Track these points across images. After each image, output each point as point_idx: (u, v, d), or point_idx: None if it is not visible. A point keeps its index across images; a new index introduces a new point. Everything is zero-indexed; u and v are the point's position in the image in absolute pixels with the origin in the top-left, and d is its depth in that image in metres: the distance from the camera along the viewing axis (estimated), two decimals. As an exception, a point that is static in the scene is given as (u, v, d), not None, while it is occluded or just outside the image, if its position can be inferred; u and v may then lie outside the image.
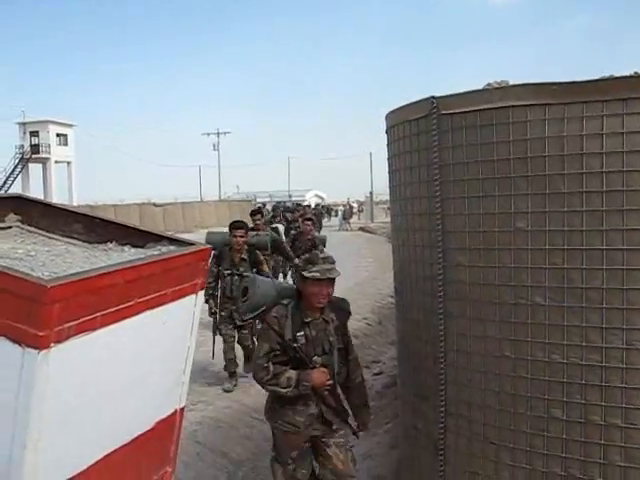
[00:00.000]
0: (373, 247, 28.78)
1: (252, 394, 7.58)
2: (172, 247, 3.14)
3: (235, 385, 8.61)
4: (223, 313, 8.84)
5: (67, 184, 64.34)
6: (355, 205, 65.64)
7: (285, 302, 4.39)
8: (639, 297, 3.73)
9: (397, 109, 4.88)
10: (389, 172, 5.25)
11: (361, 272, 20.36)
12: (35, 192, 60.49)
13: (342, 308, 4.66)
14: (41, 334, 2.21)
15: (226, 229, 8.92)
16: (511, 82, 4.24)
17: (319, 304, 4.36)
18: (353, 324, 11.41)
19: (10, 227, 3.55)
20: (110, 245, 3.28)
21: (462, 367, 4.33)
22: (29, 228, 3.56)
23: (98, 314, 2.46)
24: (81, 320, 2.37)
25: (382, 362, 10.14)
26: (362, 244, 31.86)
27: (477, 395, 4.25)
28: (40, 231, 3.53)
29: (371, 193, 58.63)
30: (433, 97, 4.32)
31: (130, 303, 2.62)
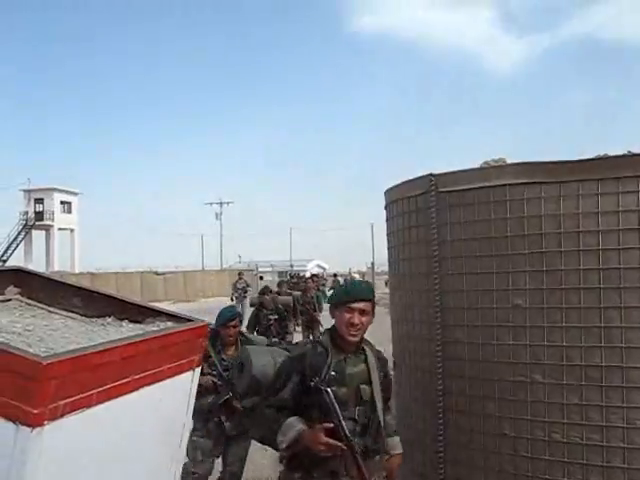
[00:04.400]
0: (374, 318, 28.54)
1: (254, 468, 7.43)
2: (170, 323, 3.14)
3: None
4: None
5: (70, 251, 64.47)
6: (357, 276, 65.51)
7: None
8: (638, 375, 3.72)
9: (396, 186, 4.95)
10: (388, 247, 5.29)
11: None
12: (37, 259, 60.63)
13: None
14: (35, 412, 2.19)
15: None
16: (508, 160, 4.31)
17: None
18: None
19: (10, 300, 3.56)
20: (108, 320, 3.28)
21: (461, 445, 4.27)
22: (28, 301, 3.56)
23: (94, 391, 2.44)
24: (76, 397, 2.36)
25: (382, 437, 9.98)
26: (363, 315, 31.68)
27: (477, 474, 4.19)
28: (39, 304, 3.53)
29: (372, 264, 58.62)
30: (431, 174, 4.39)
31: (126, 380, 2.60)
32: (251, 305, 12.37)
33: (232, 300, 27.26)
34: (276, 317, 11.41)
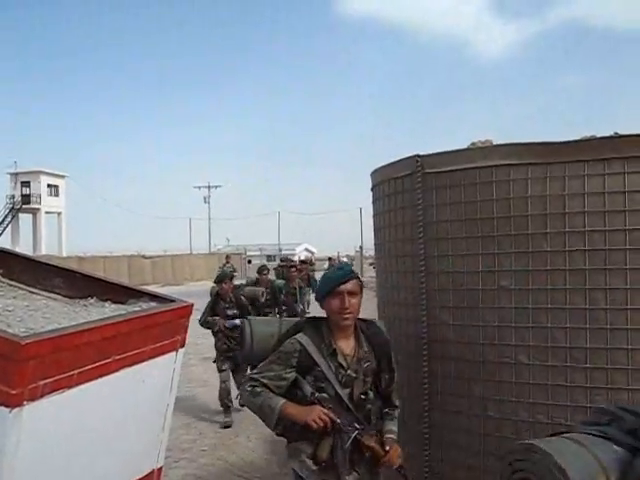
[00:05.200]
0: (363, 302, 28.68)
1: (237, 452, 7.45)
2: (153, 304, 3.12)
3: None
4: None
5: (57, 234, 64.24)
6: (345, 259, 65.58)
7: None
8: (623, 357, 3.72)
9: (382, 167, 4.93)
10: (374, 229, 5.27)
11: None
12: (25, 242, 60.40)
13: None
14: (14, 392, 2.17)
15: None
16: (495, 142, 4.29)
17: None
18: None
19: (-10, 280, 3.52)
20: (90, 300, 3.26)
21: (446, 427, 4.28)
22: (10, 282, 3.53)
23: (74, 372, 2.42)
24: (57, 378, 2.34)
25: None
26: (351, 298, 31.80)
27: (462, 455, 4.20)
28: (21, 285, 3.50)
29: (361, 248, 58.73)
30: (418, 155, 4.37)
31: (108, 360, 2.58)
32: (246, 285, 11.49)
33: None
34: (235, 312, 9.07)
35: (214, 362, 9.20)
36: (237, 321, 8.67)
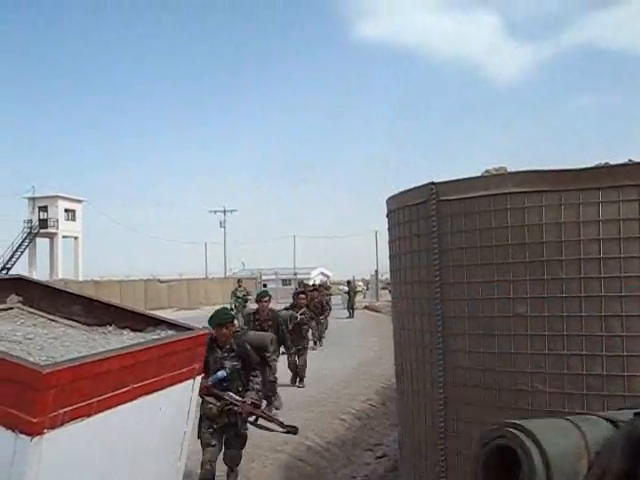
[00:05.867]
0: (378, 326, 28.59)
1: (252, 477, 7.43)
2: (171, 332, 3.16)
3: None
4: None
5: (73, 259, 64.58)
6: (360, 284, 65.44)
7: None
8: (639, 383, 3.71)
9: (397, 194, 4.96)
10: (390, 256, 5.29)
11: (366, 352, 20.18)
12: (41, 266, 60.76)
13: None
14: (35, 420, 2.20)
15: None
16: (509, 169, 4.31)
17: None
18: (356, 405, 11.32)
19: (11, 308, 3.58)
20: (109, 328, 3.30)
21: (463, 455, 4.26)
22: (30, 309, 3.59)
23: (94, 400, 2.46)
24: (76, 406, 2.37)
25: (385, 445, 9.94)
26: (367, 323, 31.68)
27: (478, 483, 4.18)
28: (40, 312, 3.56)
29: (376, 271, 58.60)
30: (432, 183, 4.39)
31: (126, 389, 2.62)
32: (247, 323, 10.08)
33: (231, 309, 25.07)
34: (235, 364, 6.16)
35: (198, 437, 5.84)
36: (221, 373, 5.88)
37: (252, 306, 11.98)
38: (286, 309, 13.22)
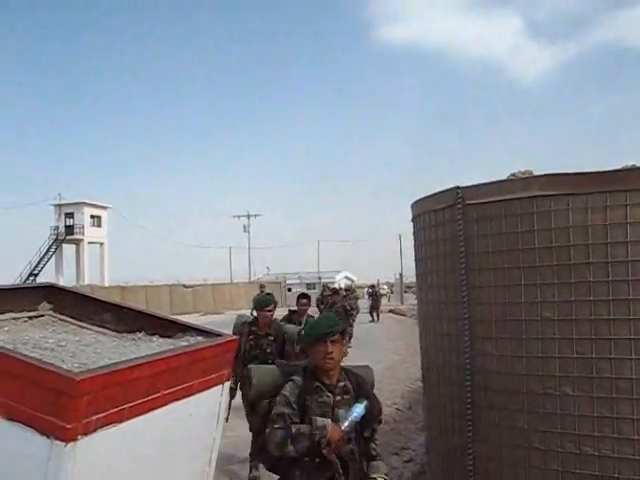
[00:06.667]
0: (403, 329, 28.55)
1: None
2: (200, 338, 3.19)
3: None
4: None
5: (99, 264, 65.15)
6: (385, 287, 65.26)
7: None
8: (670, 387, 3.68)
9: (422, 199, 4.97)
10: (415, 260, 5.30)
11: (391, 355, 20.13)
12: (67, 272, 61.36)
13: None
14: (69, 426, 2.23)
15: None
16: (535, 172, 4.30)
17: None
18: (383, 409, 11.28)
19: (42, 315, 3.63)
20: (139, 335, 3.33)
21: (491, 459, 4.25)
22: (60, 317, 3.63)
23: (126, 406, 2.48)
24: (109, 412, 2.40)
25: (412, 449, 9.90)
26: (392, 326, 31.62)
27: (507, 488, 4.17)
28: (71, 320, 3.60)
29: (401, 275, 58.57)
30: (458, 187, 4.40)
31: (157, 395, 2.64)
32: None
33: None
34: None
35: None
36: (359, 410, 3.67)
37: (243, 312, 9.59)
38: (286, 318, 10.30)
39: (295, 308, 9.47)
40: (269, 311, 7.51)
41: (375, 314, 34.27)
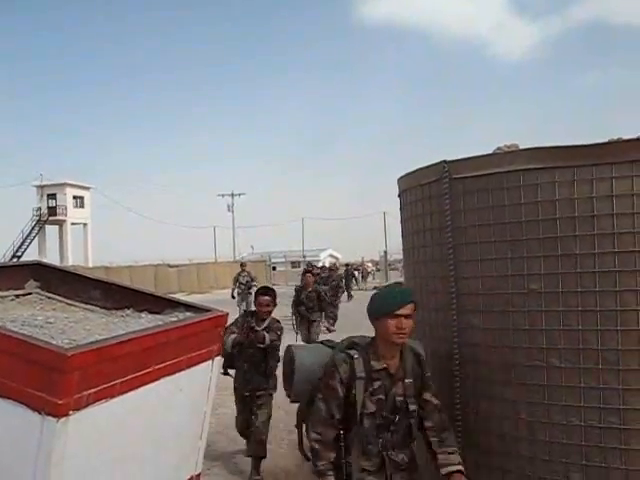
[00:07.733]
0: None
1: (268, 458, 7.49)
2: (189, 313, 3.19)
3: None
4: None
5: (83, 245, 64.88)
6: (370, 265, 65.44)
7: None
8: (656, 358, 3.72)
9: (409, 173, 4.96)
10: (402, 235, 5.30)
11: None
12: (51, 254, 61.07)
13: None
14: (60, 402, 2.24)
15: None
16: (521, 145, 4.31)
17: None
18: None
19: (30, 293, 3.61)
20: (127, 311, 3.33)
21: (479, 430, 4.30)
22: (48, 294, 3.62)
23: (116, 381, 2.49)
24: (100, 388, 2.41)
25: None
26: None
27: (495, 459, 4.21)
28: (59, 297, 3.59)
29: (385, 252, 58.75)
30: (444, 161, 4.40)
31: (148, 370, 2.65)
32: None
33: (233, 297, 23.55)
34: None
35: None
36: None
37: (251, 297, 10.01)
38: (296, 290, 13.62)
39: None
40: (269, 304, 6.91)
41: (347, 293, 34.58)
